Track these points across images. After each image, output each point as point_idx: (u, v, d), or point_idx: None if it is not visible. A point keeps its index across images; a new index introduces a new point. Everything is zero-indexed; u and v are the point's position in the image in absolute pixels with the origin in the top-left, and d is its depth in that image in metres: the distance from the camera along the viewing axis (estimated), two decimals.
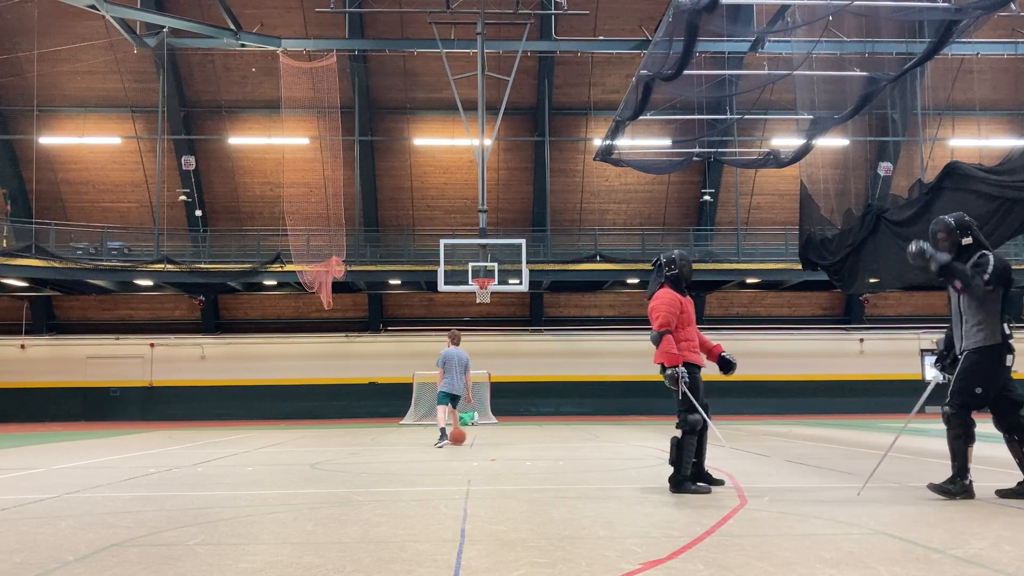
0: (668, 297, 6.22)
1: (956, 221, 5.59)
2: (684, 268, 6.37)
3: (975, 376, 5.48)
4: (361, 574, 3.43)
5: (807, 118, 15.23)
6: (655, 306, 6.20)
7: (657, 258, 6.49)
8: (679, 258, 6.39)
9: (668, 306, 6.15)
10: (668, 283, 6.32)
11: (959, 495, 5.46)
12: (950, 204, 9.36)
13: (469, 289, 20.13)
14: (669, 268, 6.36)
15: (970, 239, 5.55)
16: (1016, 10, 15.79)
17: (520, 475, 7.55)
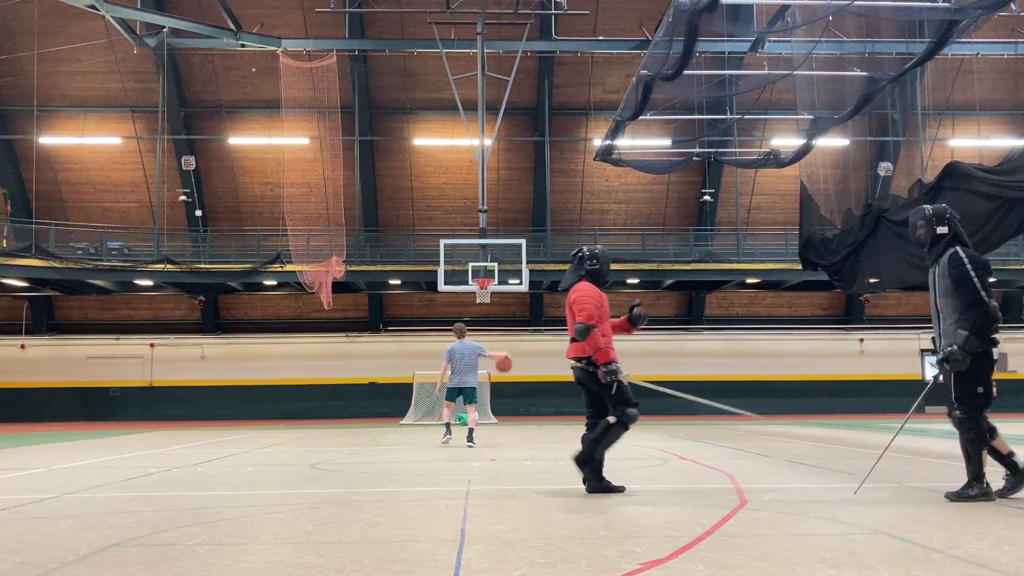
0: (590, 290, 6.11)
1: (934, 211, 5.59)
2: (604, 264, 6.31)
3: (970, 378, 5.46)
4: (361, 574, 3.43)
5: (807, 118, 15.23)
6: (578, 298, 6.06)
7: (578, 250, 6.37)
8: (600, 253, 6.32)
9: (592, 298, 6.04)
10: (587, 277, 6.23)
11: (980, 498, 5.38)
12: (950, 204, 9.35)
13: (469, 289, 20.12)
14: (590, 262, 6.26)
15: (945, 228, 5.53)
16: (1016, 10, 15.79)
17: (520, 475, 7.55)
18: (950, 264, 5.41)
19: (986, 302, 5.29)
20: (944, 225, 5.53)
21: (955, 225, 5.55)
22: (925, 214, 5.60)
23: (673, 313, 29.54)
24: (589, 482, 6.03)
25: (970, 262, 5.34)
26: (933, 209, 5.61)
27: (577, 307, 6.02)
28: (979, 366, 5.43)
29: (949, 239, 5.52)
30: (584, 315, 5.94)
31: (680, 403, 27.03)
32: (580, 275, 6.24)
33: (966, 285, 5.31)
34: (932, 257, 5.61)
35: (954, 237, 5.53)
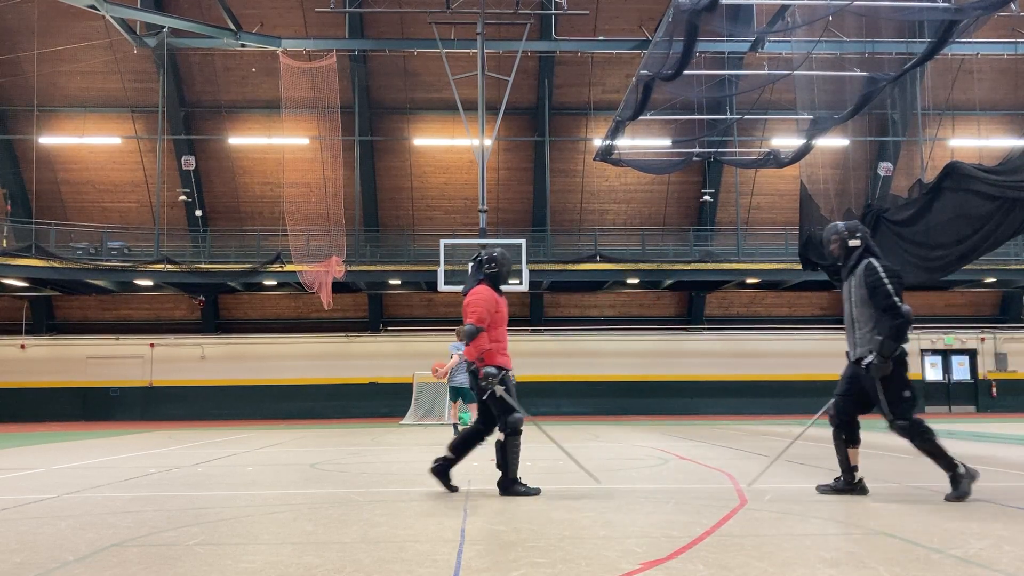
0: (486, 294, 6.14)
1: (847, 227, 5.86)
2: (503, 268, 6.34)
3: (896, 383, 5.55)
4: (361, 574, 3.43)
5: (807, 118, 15.22)
6: (472, 301, 6.10)
7: (477, 254, 6.40)
8: (500, 257, 6.34)
9: (486, 303, 6.07)
10: (486, 281, 6.26)
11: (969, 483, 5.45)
12: (950, 204, 9.36)
13: None
14: (489, 266, 6.29)
15: (857, 241, 5.79)
16: (1016, 10, 15.79)
17: (520, 475, 7.54)
18: (865, 274, 5.62)
19: (899, 307, 5.47)
20: (856, 239, 5.79)
21: (867, 238, 5.82)
22: (838, 229, 5.87)
23: (673, 313, 29.54)
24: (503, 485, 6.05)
25: (884, 271, 5.56)
26: (845, 224, 5.88)
27: (470, 310, 6.07)
28: (899, 375, 5.54)
29: (862, 251, 5.76)
30: (475, 318, 6.00)
31: (681, 403, 27.03)
32: (479, 279, 6.28)
33: (880, 292, 5.51)
34: (847, 270, 5.82)
35: (866, 249, 5.77)
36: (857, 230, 5.83)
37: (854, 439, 5.81)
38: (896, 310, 5.46)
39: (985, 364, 27.87)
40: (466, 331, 6.00)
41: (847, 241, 5.82)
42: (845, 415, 5.82)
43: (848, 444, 5.81)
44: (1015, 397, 27.38)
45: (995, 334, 28.09)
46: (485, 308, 6.04)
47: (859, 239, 5.79)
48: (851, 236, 5.81)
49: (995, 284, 26.29)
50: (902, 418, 5.51)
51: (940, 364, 28.08)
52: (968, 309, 29.46)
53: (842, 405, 5.82)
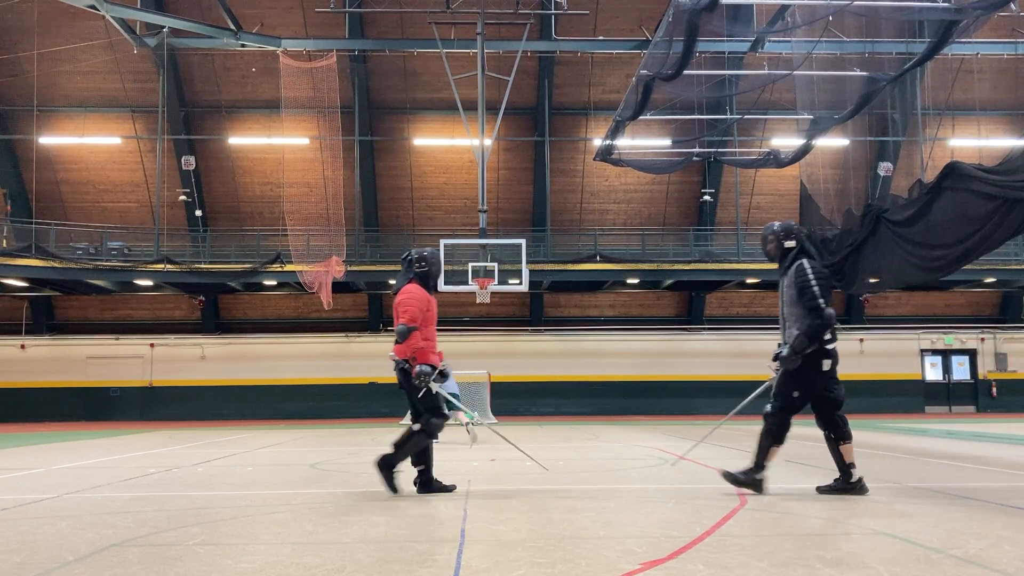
0: (418, 293, 6.18)
1: (781, 228, 5.98)
2: (433, 266, 6.36)
3: (793, 380, 5.75)
4: (361, 574, 3.43)
5: (807, 118, 15.22)
6: (403, 300, 6.13)
7: (407, 253, 6.44)
8: (430, 255, 6.38)
9: (417, 301, 6.10)
10: (416, 280, 6.29)
11: (749, 486, 5.72)
12: (950, 204, 9.36)
13: (469, 289, 20.13)
14: (419, 265, 6.32)
15: (792, 242, 5.92)
16: (1016, 10, 15.78)
17: (520, 475, 7.55)
18: (796, 274, 5.75)
19: (822, 308, 5.59)
20: (791, 239, 5.92)
21: (802, 239, 5.95)
22: (773, 229, 6.00)
23: (673, 313, 29.54)
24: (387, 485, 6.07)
25: (813, 273, 5.69)
26: (780, 225, 6.00)
27: (401, 309, 6.10)
28: (806, 374, 5.72)
29: (796, 252, 5.89)
30: (407, 317, 6.02)
31: (681, 403, 27.02)
32: (410, 278, 6.32)
33: (806, 293, 5.64)
34: (782, 270, 5.95)
35: (801, 250, 5.90)
36: (792, 231, 5.96)
37: (843, 435, 5.92)
38: (819, 311, 5.59)
39: (985, 364, 27.86)
40: (398, 330, 6.01)
41: (783, 242, 5.94)
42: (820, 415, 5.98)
43: (838, 441, 5.91)
44: (1015, 397, 27.37)
45: (995, 334, 28.08)
46: (417, 307, 6.06)
47: (794, 240, 5.92)
48: (787, 237, 5.93)
49: (995, 284, 26.28)
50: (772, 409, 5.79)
51: (940, 364, 28.08)
52: (968, 309, 29.46)
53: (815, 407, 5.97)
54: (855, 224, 12.00)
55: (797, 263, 5.82)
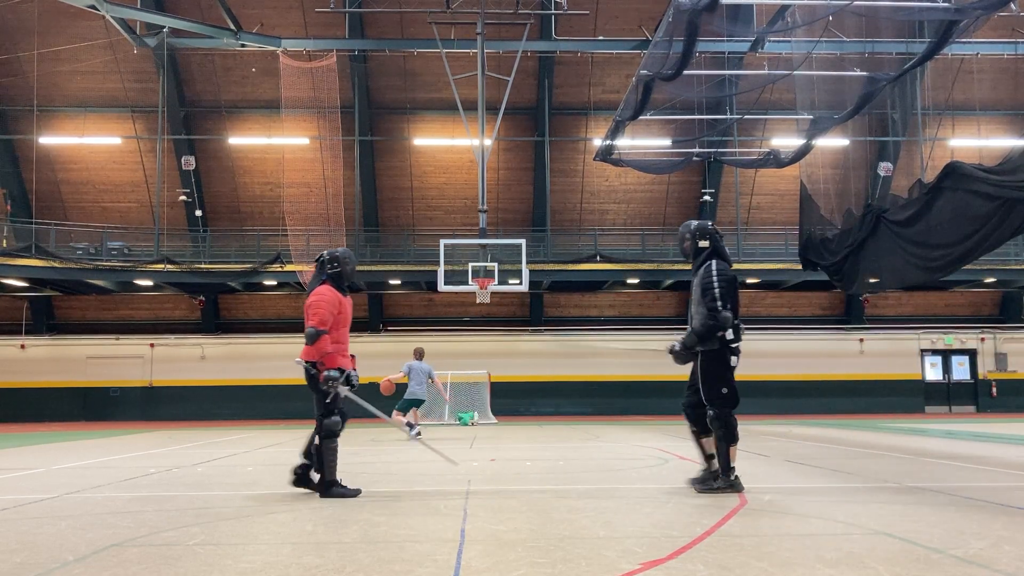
0: (329, 295, 6.17)
1: (698, 227, 6.16)
2: (347, 267, 6.38)
3: (713, 379, 5.91)
4: (361, 574, 3.43)
5: (807, 118, 15.21)
6: (314, 302, 6.13)
7: (320, 255, 6.46)
8: (342, 256, 6.39)
9: (329, 304, 6.11)
10: (329, 281, 6.29)
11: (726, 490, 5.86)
12: (950, 204, 9.36)
13: (469, 289, 20.13)
14: (331, 266, 6.34)
15: (706, 243, 6.10)
16: (1016, 10, 15.77)
17: (520, 475, 7.55)
18: (703, 273, 5.96)
19: (719, 310, 5.79)
20: (705, 240, 6.10)
21: (716, 240, 6.11)
22: (690, 228, 6.18)
23: (673, 313, 29.52)
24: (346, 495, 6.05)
25: (718, 274, 5.86)
26: (697, 225, 6.17)
27: (312, 311, 6.10)
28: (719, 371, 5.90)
29: (709, 252, 6.06)
30: (316, 320, 6.03)
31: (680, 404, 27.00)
32: (322, 279, 6.32)
33: (708, 293, 5.85)
34: (694, 268, 6.13)
35: (714, 251, 6.07)
36: (707, 232, 6.12)
37: (705, 429, 6.09)
38: (715, 312, 5.79)
39: (985, 364, 27.87)
40: (307, 333, 6.02)
41: (698, 241, 6.11)
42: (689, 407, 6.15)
43: (701, 435, 6.13)
44: (1015, 397, 27.37)
45: (995, 334, 28.08)
46: (327, 310, 6.08)
47: (708, 240, 6.09)
48: (702, 237, 6.10)
49: (995, 284, 26.28)
50: (712, 407, 5.90)
51: (940, 364, 28.08)
52: (968, 309, 29.47)
53: (689, 396, 6.14)
54: (855, 224, 12.00)
55: (707, 263, 5.99)
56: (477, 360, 24.50)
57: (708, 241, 6.11)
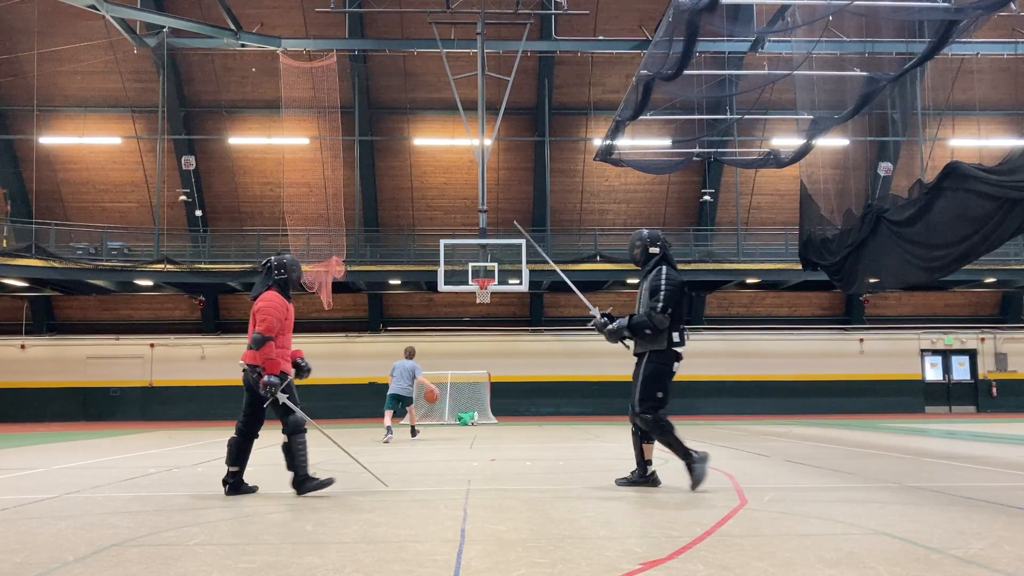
0: (277, 301, 6.30)
1: (649, 234, 6.47)
2: (293, 273, 6.52)
3: (654, 382, 6.14)
4: (361, 574, 3.43)
5: (807, 118, 15.22)
6: (263, 307, 6.23)
7: (267, 260, 6.55)
8: (289, 263, 6.51)
9: (276, 311, 6.24)
10: (275, 287, 6.40)
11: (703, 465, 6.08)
12: (950, 204, 9.36)
13: (469, 289, 20.13)
14: (278, 272, 6.44)
15: (657, 249, 6.39)
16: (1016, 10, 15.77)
17: (520, 475, 7.55)
18: (653, 276, 6.23)
19: (659, 311, 6.05)
20: (656, 247, 6.39)
21: (664, 247, 6.41)
22: (641, 236, 6.47)
23: None
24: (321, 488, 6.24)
25: (666, 280, 6.14)
26: (648, 232, 6.48)
27: (260, 316, 6.22)
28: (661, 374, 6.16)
29: (659, 259, 6.35)
30: (264, 327, 6.16)
31: (680, 403, 26.99)
32: (268, 285, 6.42)
33: (655, 295, 6.11)
34: (643, 273, 6.40)
35: (663, 258, 6.37)
36: (658, 239, 6.42)
37: (648, 436, 6.32)
38: (654, 312, 6.06)
39: (985, 364, 27.87)
40: (254, 339, 6.15)
41: (648, 248, 6.40)
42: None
43: (643, 440, 6.35)
44: (1015, 397, 27.38)
45: (995, 334, 28.08)
46: (275, 317, 6.22)
47: (658, 247, 6.38)
48: (652, 244, 6.39)
49: (995, 284, 26.28)
50: (645, 412, 6.10)
51: (940, 364, 28.08)
52: (968, 309, 29.47)
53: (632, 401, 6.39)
54: (855, 224, 12.00)
55: (658, 268, 6.27)
56: (477, 360, 24.50)
57: (658, 248, 6.38)
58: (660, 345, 6.13)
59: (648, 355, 6.18)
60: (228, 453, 6.35)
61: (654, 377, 6.14)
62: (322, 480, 6.21)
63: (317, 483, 6.17)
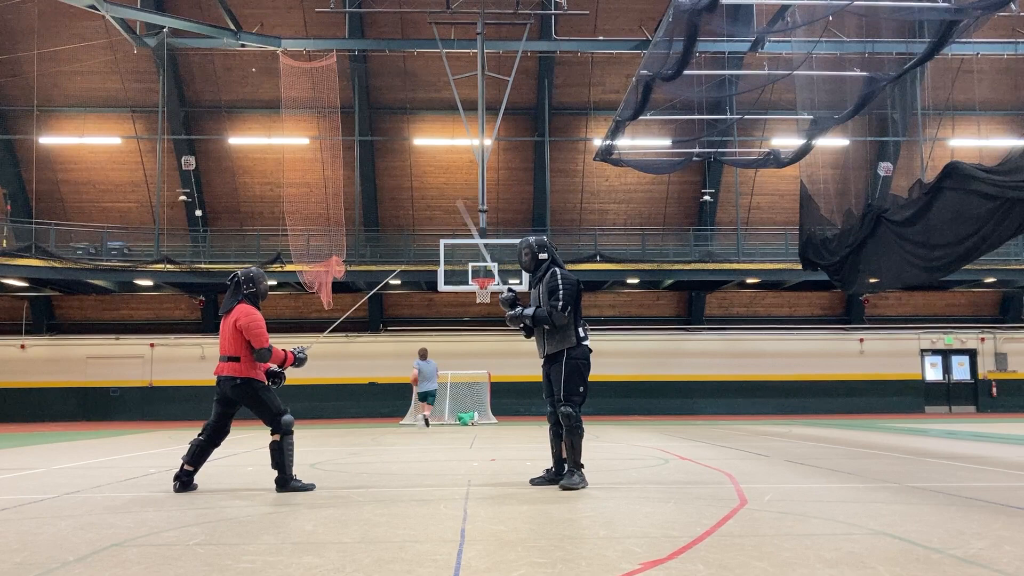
0: (257, 314, 6.58)
1: (536, 241, 6.72)
2: (261, 286, 6.77)
3: (577, 377, 6.39)
4: (361, 574, 3.43)
5: (807, 118, 15.23)
6: (248, 323, 6.47)
7: (235, 275, 6.76)
8: (256, 276, 6.75)
9: (262, 321, 6.56)
10: (246, 301, 6.63)
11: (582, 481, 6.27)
12: (950, 204, 9.36)
13: (469, 289, 20.14)
14: (247, 286, 6.67)
15: (545, 255, 6.66)
16: (1016, 10, 15.78)
17: (520, 475, 7.55)
18: (549, 279, 6.48)
19: (559, 308, 6.31)
20: (544, 252, 6.67)
21: (552, 252, 6.71)
22: (529, 243, 6.73)
23: (673, 313, 29.54)
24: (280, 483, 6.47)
25: (562, 279, 6.42)
26: (535, 240, 6.74)
27: (253, 333, 6.46)
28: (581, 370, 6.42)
29: (549, 262, 6.63)
30: (261, 340, 6.45)
31: (681, 403, 27.03)
32: (239, 299, 6.65)
33: (555, 294, 6.38)
34: (535, 279, 6.67)
35: (552, 261, 6.65)
36: (545, 246, 6.69)
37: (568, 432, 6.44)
38: (555, 310, 6.31)
39: (985, 364, 27.87)
40: (259, 353, 6.43)
41: (537, 254, 6.65)
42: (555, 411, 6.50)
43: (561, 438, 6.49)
44: (1015, 397, 27.38)
45: (995, 334, 28.09)
46: (263, 328, 6.54)
47: (546, 253, 6.66)
48: (540, 250, 6.66)
49: (995, 284, 26.28)
50: (569, 405, 6.32)
51: (940, 364, 28.08)
52: (968, 309, 29.47)
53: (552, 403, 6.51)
54: (855, 224, 12.01)
55: (551, 271, 6.53)
56: (477, 360, 24.50)
57: (546, 253, 6.66)
58: (571, 343, 6.39)
59: (565, 353, 6.39)
60: (189, 452, 6.50)
61: (576, 373, 6.38)
62: (305, 484, 6.47)
63: (301, 485, 6.42)
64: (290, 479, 6.42)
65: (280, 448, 6.43)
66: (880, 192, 25.46)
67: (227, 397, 6.52)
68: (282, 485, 6.39)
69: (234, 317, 6.53)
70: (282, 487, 6.38)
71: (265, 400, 6.49)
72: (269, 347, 6.47)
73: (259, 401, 6.48)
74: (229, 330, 6.54)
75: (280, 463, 6.42)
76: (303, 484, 6.44)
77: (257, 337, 6.41)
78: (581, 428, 6.34)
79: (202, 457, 6.57)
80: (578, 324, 6.47)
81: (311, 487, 6.45)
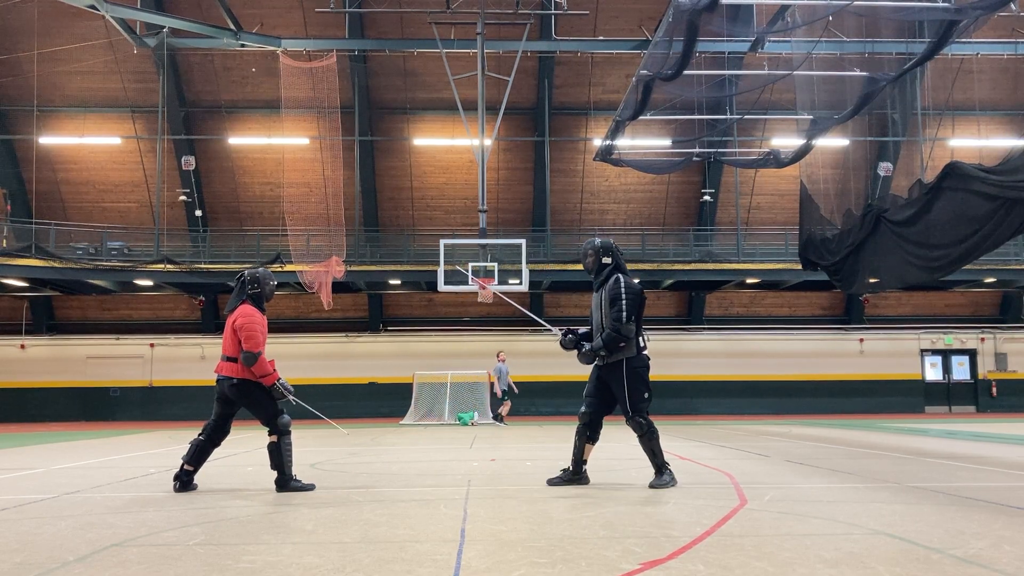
0: (259, 317, 6.54)
1: (602, 244, 6.52)
2: (266, 287, 6.71)
3: (641, 386, 6.32)
4: (361, 574, 3.43)
5: (807, 118, 15.22)
6: (245, 324, 6.41)
7: (240, 274, 6.69)
8: (262, 277, 6.68)
9: (261, 326, 6.49)
10: (250, 301, 6.56)
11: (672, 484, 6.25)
12: (950, 204, 9.36)
13: (469, 289, 20.13)
14: (252, 286, 6.61)
15: (609, 259, 6.47)
16: (1016, 10, 15.78)
17: (520, 475, 7.55)
18: (612, 286, 6.29)
19: (623, 322, 6.16)
20: (608, 256, 6.47)
21: (617, 257, 6.50)
22: (594, 245, 6.53)
23: (673, 313, 29.53)
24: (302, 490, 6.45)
25: (625, 288, 6.23)
26: (601, 242, 6.53)
27: (245, 334, 6.39)
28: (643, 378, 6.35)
29: (612, 267, 6.43)
30: (254, 344, 6.37)
31: (680, 403, 27.03)
32: (243, 299, 6.60)
33: (616, 305, 6.19)
34: (598, 282, 6.48)
35: (616, 267, 6.44)
36: (610, 249, 6.48)
37: (594, 437, 6.50)
38: (620, 324, 6.15)
39: (985, 364, 27.87)
40: (245, 357, 6.35)
41: (601, 257, 6.46)
42: (594, 414, 6.49)
43: (588, 440, 6.52)
44: (1015, 397, 27.38)
45: (995, 334, 28.09)
46: (260, 331, 6.47)
47: (611, 257, 6.46)
48: (605, 254, 6.46)
49: (995, 284, 26.28)
50: (639, 414, 6.26)
51: (940, 364, 28.08)
52: (968, 309, 29.47)
53: (593, 405, 6.49)
54: (855, 224, 12.00)
55: (614, 277, 6.34)
56: (477, 360, 24.50)
57: (611, 258, 6.46)
58: (631, 352, 6.29)
59: (625, 363, 6.29)
60: (189, 452, 6.50)
61: (640, 381, 6.30)
62: (305, 484, 6.48)
63: (300, 485, 6.43)
64: (290, 479, 6.43)
65: (278, 449, 6.45)
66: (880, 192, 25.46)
67: (226, 396, 6.54)
68: (282, 485, 6.41)
69: (234, 317, 6.51)
70: (282, 487, 6.40)
71: (262, 401, 6.49)
72: (259, 353, 6.38)
73: (256, 401, 6.49)
74: (229, 330, 6.53)
75: (279, 464, 6.45)
76: (303, 484, 6.45)
77: (249, 339, 6.36)
78: (655, 431, 6.31)
79: (202, 457, 6.57)
80: (639, 333, 6.34)
81: (311, 487, 6.45)
